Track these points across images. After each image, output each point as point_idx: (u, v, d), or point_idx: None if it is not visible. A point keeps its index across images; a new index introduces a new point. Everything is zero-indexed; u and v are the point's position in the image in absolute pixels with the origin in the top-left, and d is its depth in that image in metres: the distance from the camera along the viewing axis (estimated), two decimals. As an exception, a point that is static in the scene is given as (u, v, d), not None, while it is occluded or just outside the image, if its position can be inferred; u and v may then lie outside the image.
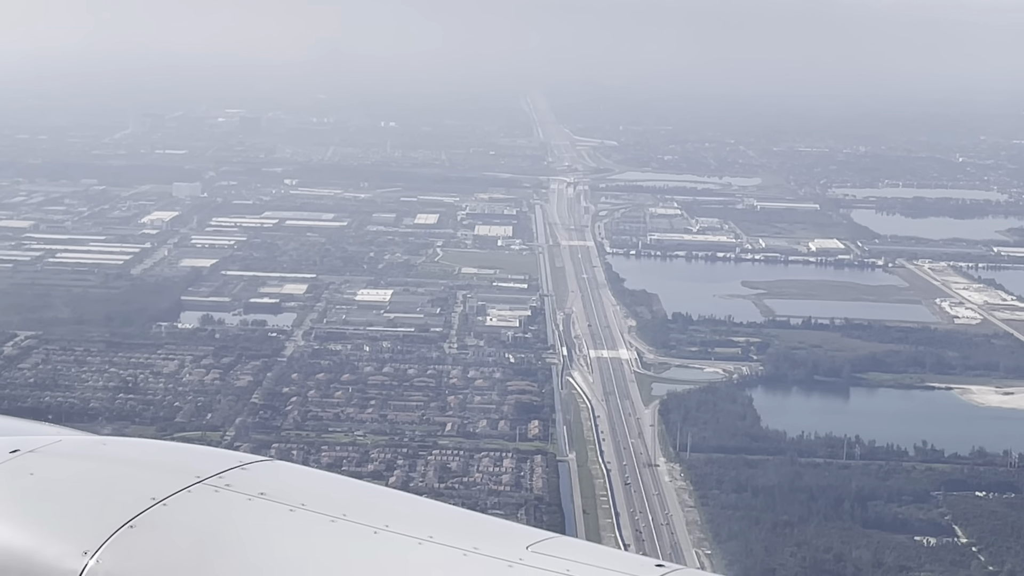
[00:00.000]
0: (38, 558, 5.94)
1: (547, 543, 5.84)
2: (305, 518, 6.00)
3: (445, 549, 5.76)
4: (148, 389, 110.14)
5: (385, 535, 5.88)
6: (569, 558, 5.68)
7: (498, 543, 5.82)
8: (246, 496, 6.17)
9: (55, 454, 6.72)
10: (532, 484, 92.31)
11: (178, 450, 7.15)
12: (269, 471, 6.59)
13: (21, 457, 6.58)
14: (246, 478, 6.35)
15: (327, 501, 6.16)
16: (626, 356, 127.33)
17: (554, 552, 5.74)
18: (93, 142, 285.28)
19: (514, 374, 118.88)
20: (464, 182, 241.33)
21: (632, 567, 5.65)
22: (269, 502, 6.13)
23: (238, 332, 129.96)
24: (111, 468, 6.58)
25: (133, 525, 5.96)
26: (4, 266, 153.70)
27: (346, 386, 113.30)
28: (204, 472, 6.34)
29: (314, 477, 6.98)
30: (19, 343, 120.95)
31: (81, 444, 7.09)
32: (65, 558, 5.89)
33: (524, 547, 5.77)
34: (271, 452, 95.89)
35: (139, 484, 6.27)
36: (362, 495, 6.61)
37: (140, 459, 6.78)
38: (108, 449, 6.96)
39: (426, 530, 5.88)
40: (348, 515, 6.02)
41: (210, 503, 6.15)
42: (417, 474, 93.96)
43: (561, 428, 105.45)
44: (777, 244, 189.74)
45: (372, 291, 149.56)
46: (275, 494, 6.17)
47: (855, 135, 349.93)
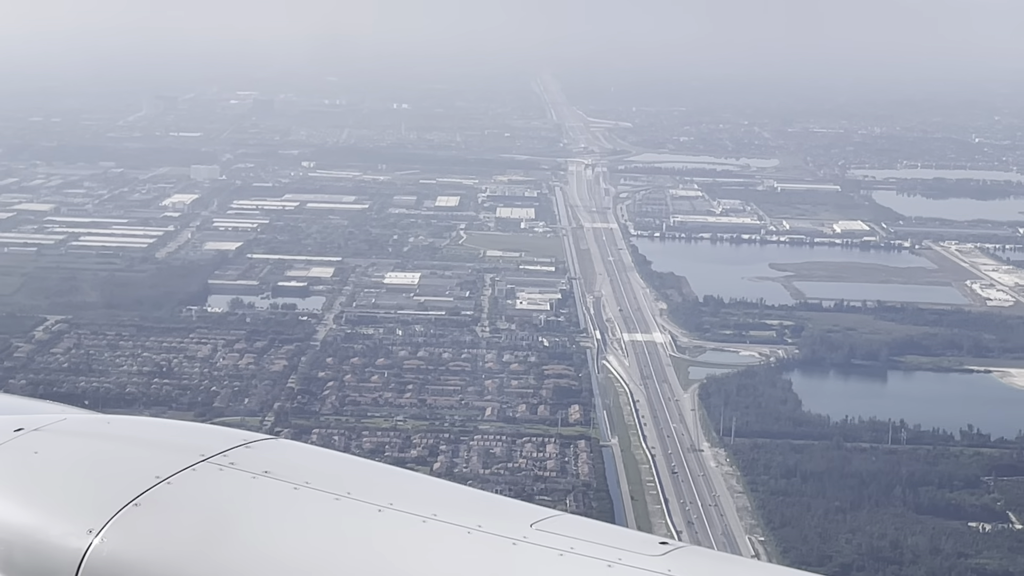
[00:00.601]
0: (43, 536, 5.94)
1: (551, 521, 5.79)
2: (309, 496, 5.98)
3: (449, 527, 5.73)
4: (183, 374, 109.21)
5: (389, 513, 5.84)
6: (573, 535, 5.60)
7: (502, 521, 5.79)
8: (250, 474, 6.14)
9: (59, 432, 6.68)
10: (578, 470, 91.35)
11: (182, 429, 7.06)
12: (273, 449, 6.57)
13: (26, 436, 6.56)
14: (250, 456, 6.31)
15: (331, 479, 6.12)
16: (660, 339, 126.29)
17: (558, 530, 5.68)
18: (107, 124, 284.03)
19: (549, 358, 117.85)
20: (482, 164, 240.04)
21: (636, 544, 5.59)
22: (273, 480, 6.10)
23: (268, 316, 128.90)
24: (115, 447, 6.57)
25: (137, 503, 5.94)
26: (28, 249, 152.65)
27: (382, 370, 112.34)
28: (208, 450, 6.30)
29: (318, 455, 6.95)
30: (50, 327, 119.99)
31: (85, 423, 7.06)
32: (69, 536, 5.87)
33: (528, 525, 5.70)
34: (312, 438, 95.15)
35: (143, 463, 6.25)
36: (366, 473, 6.57)
37: (144, 438, 6.76)
38: (112, 428, 6.92)
39: (430, 508, 5.86)
40: (352, 493, 5.97)
41: (214, 481, 6.12)
42: (460, 460, 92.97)
43: (601, 413, 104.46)
44: (801, 226, 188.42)
45: (399, 274, 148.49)
46: (279, 472, 6.15)
47: (868, 115, 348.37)
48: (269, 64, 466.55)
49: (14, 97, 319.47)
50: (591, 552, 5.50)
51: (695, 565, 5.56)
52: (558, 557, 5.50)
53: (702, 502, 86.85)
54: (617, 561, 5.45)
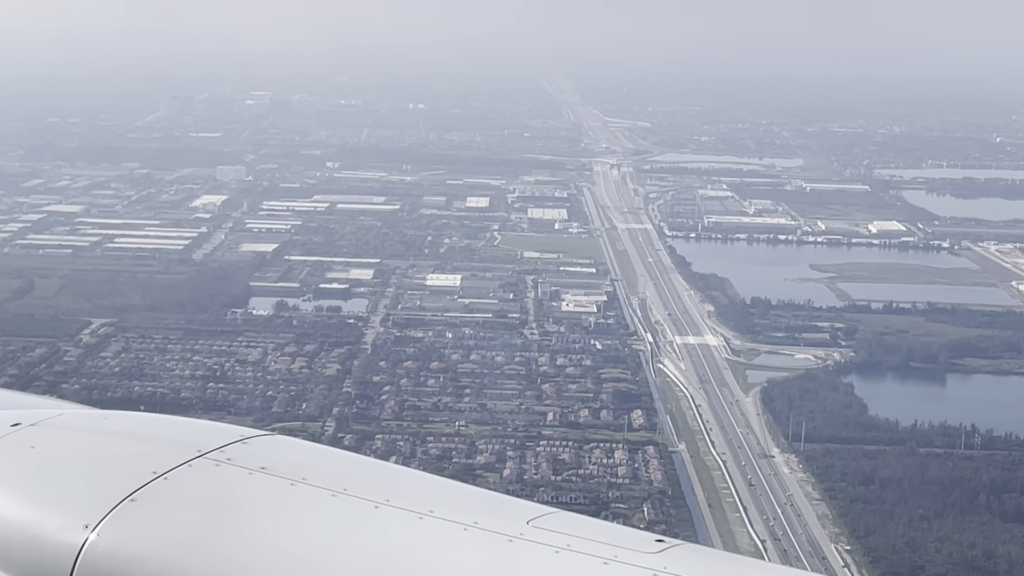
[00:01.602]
0: (39, 531, 5.88)
1: (547, 518, 5.73)
2: (306, 492, 5.93)
3: (446, 524, 5.67)
4: (237, 378, 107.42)
5: (386, 509, 5.79)
6: (569, 533, 5.55)
7: (498, 518, 5.72)
8: (247, 470, 6.08)
9: (56, 427, 6.64)
10: (650, 477, 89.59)
11: (179, 424, 7.00)
12: (270, 445, 6.49)
13: (22, 431, 6.51)
14: (247, 452, 6.25)
15: (328, 475, 6.07)
16: (713, 342, 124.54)
17: (554, 527, 5.62)
18: (125, 125, 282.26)
19: (604, 361, 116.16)
20: (506, 164, 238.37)
21: (632, 542, 5.51)
22: (270, 476, 6.05)
23: (314, 318, 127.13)
24: (112, 442, 6.50)
25: (134, 499, 5.88)
26: (64, 252, 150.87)
27: (437, 374, 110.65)
28: (205, 446, 6.24)
29: (315, 452, 6.86)
30: (96, 331, 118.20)
31: (82, 418, 7.01)
32: (66, 531, 5.82)
33: (524, 521, 5.65)
34: (376, 444, 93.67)
35: (140, 458, 6.19)
36: (363, 470, 6.54)
37: (141, 433, 6.69)
38: (109, 423, 6.88)
39: (427, 505, 5.79)
40: (349, 489, 5.92)
41: (211, 477, 6.07)
42: (529, 466, 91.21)
43: (665, 417, 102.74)
44: (836, 226, 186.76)
45: (440, 276, 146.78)
46: (276, 468, 6.09)
47: (885, 115, 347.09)
48: (279, 64, 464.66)
49: (30, 97, 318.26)
50: (587, 549, 5.42)
51: (691, 563, 5.44)
52: (554, 554, 5.43)
53: (781, 510, 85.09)
54: (613, 559, 5.37)
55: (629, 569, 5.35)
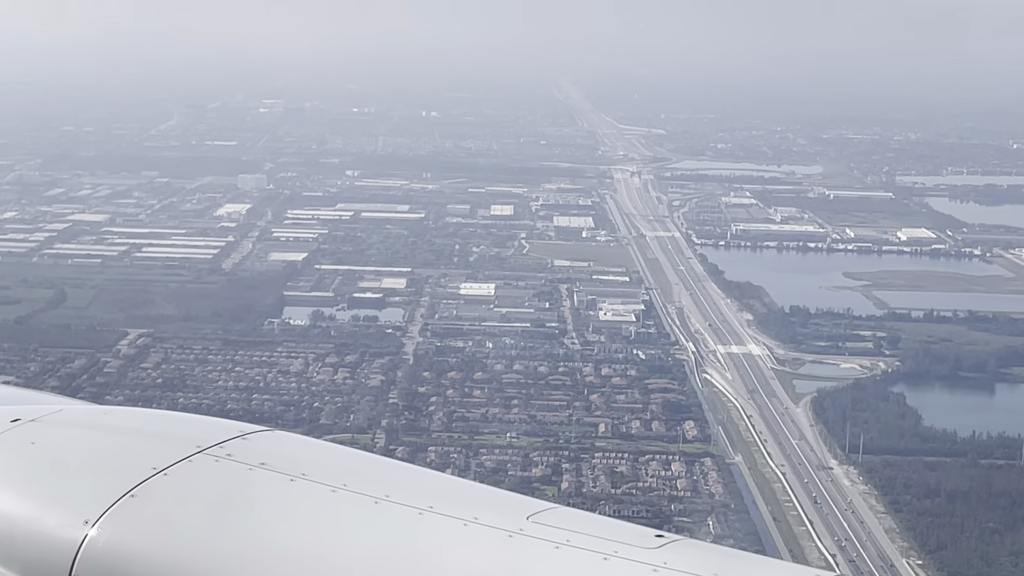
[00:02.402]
0: (39, 527, 5.87)
1: (547, 513, 5.71)
2: (306, 488, 5.92)
3: (446, 519, 5.65)
4: (281, 389, 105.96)
5: (386, 505, 5.76)
6: (569, 528, 5.53)
7: (498, 513, 5.68)
8: (247, 466, 6.06)
9: (56, 423, 6.60)
10: (711, 490, 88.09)
11: (179, 420, 6.95)
12: (270, 441, 6.44)
13: (22, 426, 6.47)
14: (247, 448, 6.22)
15: (328, 471, 6.05)
16: (756, 352, 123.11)
17: (555, 522, 5.60)
18: (140, 133, 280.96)
19: (649, 371, 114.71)
20: (525, 172, 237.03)
21: (632, 537, 5.51)
22: (270, 472, 6.02)
23: (352, 328, 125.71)
24: (112, 437, 6.49)
25: (134, 494, 5.86)
26: (92, 261, 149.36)
27: (481, 385, 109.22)
28: (205, 442, 6.19)
29: (315, 447, 6.78)
30: (134, 342, 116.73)
31: (82, 413, 7.01)
32: (66, 527, 5.80)
33: (524, 517, 5.61)
34: (428, 456, 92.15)
35: (140, 453, 6.16)
36: (363, 465, 6.49)
37: (141, 428, 6.66)
38: (109, 418, 6.89)
39: (427, 500, 5.76)
40: (349, 485, 5.90)
41: (211, 473, 6.04)
42: (587, 479, 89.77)
43: (717, 429, 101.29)
44: (865, 234, 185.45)
45: (473, 285, 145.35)
46: (276, 464, 6.07)
47: (899, 121, 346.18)
48: (285, 72, 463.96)
49: (41, 105, 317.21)
50: (587, 545, 5.39)
51: (690, 557, 5.37)
52: (554, 550, 5.40)
53: (847, 523, 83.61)
54: (613, 554, 5.35)
55: (629, 564, 5.32)
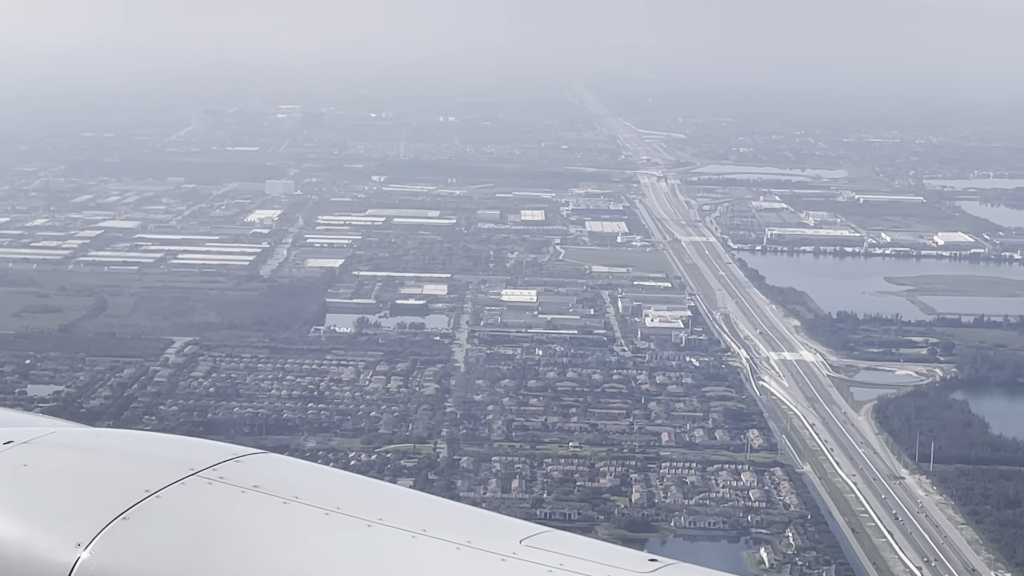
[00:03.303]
0: (31, 550, 5.84)
1: (540, 537, 5.67)
2: (299, 511, 5.88)
3: (438, 543, 5.58)
4: (335, 398, 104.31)
5: (379, 528, 5.73)
6: (563, 552, 5.50)
7: (491, 537, 5.66)
8: (240, 489, 6.05)
9: (49, 445, 6.60)
10: (785, 500, 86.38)
11: (172, 442, 6.91)
12: (263, 464, 6.43)
13: (15, 448, 6.47)
14: (240, 470, 6.22)
15: (321, 494, 6.02)
16: (809, 358, 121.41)
17: (548, 546, 5.57)
18: (159, 139, 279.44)
19: (704, 379, 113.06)
20: (551, 177, 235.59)
21: (625, 561, 5.48)
22: (263, 495, 5.99)
23: (398, 335, 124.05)
24: (105, 460, 6.48)
25: (126, 517, 5.85)
26: (129, 268, 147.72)
27: (537, 393, 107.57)
28: (198, 464, 6.18)
29: (308, 470, 6.73)
30: (181, 350, 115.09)
31: (75, 436, 6.97)
32: (58, 550, 5.77)
33: (517, 541, 5.60)
34: (494, 467, 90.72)
35: (133, 476, 6.15)
36: (356, 488, 6.43)
37: (134, 451, 6.67)
38: (102, 441, 6.86)
39: (419, 523, 5.72)
40: (342, 508, 5.88)
41: (204, 495, 6.01)
42: (658, 489, 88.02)
43: (781, 438, 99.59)
44: (902, 238, 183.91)
45: (515, 291, 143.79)
46: (269, 487, 6.05)
47: (918, 125, 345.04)
48: (298, 77, 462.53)
49: (60, 112, 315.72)
50: (580, 568, 5.35)
51: None
52: (547, 573, 5.36)
53: (928, 535, 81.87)
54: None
55: None
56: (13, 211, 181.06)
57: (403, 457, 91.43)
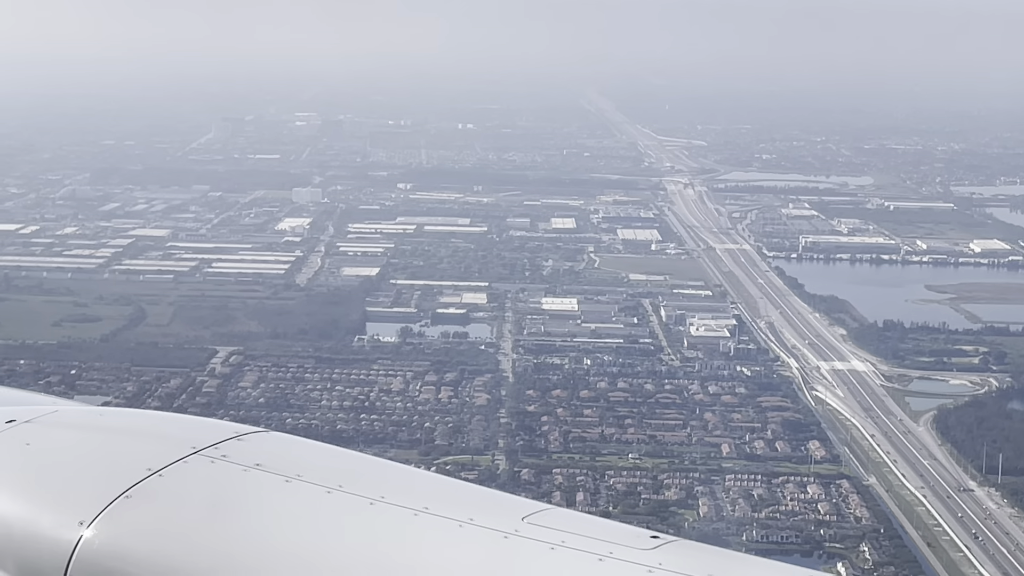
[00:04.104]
0: (34, 528, 5.83)
1: (542, 514, 5.63)
2: (301, 489, 5.86)
3: (441, 520, 5.58)
4: (387, 409, 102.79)
5: (381, 506, 5.69)
6: (564, 529, 5.47)
7: (493, 514, 5.64)
8: (242, 467, 6.02)
9: (51, 424, 6.56)
10: (856, 513, 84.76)
11: (174, 421, 6.97)
12: (265, 442, 6.41)
13: (17, 427, 6.45)
14: (242, 449, 6.18)
15: (323, 472, 6.01)
16: (861, 368, 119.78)
17: (550, 523, 5.53)
18: (180, 147, 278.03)
19: (757, 388, 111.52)
20: (576, 184, 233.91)
21: (627, 538, 5.42)
22: (265, 473, 5.96)
23: (443, 345, 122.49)
24: (107, 438, 6.46)
25: (129, 495, 5.83)
26: (164, 277, 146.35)
27: (590, 404, 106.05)
28: (200, 443, 6.15)
29: (310, 448, 6.69)
30: (227, 360, 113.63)
31: (77, 414, 6.97)
32: (61, 528, 5.76)
33: (519, 518, 5.57)
34: (556, 479, 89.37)
35: (135, 454, 6.12)
36: (358, 466, 6.40)
37: (136, 429, 6.62)
38: (104, 419, 6.87)
39: (422, 501, 5.71)
40: (344, 486, 5.86)
41: (206, 474, 5.98)
42: (724, 502, 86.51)
43: (843, 449, 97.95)
44: (937, 245, 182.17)
45: (555, 300, 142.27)
46: (271, 465, 6.02)
47: (938, 132, 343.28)
48: (311, 85, 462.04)
49: (78, 120, 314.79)
50: (582, 546, 5.35)
51: (685, 558, 5.34)
52: (549, 550, 5.36)
53: (1005, 548, 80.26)
54: (608, 555, 5.30)
55: (624, 565, 5.23)
56: (42, 219, 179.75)
57: (462, 469, 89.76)
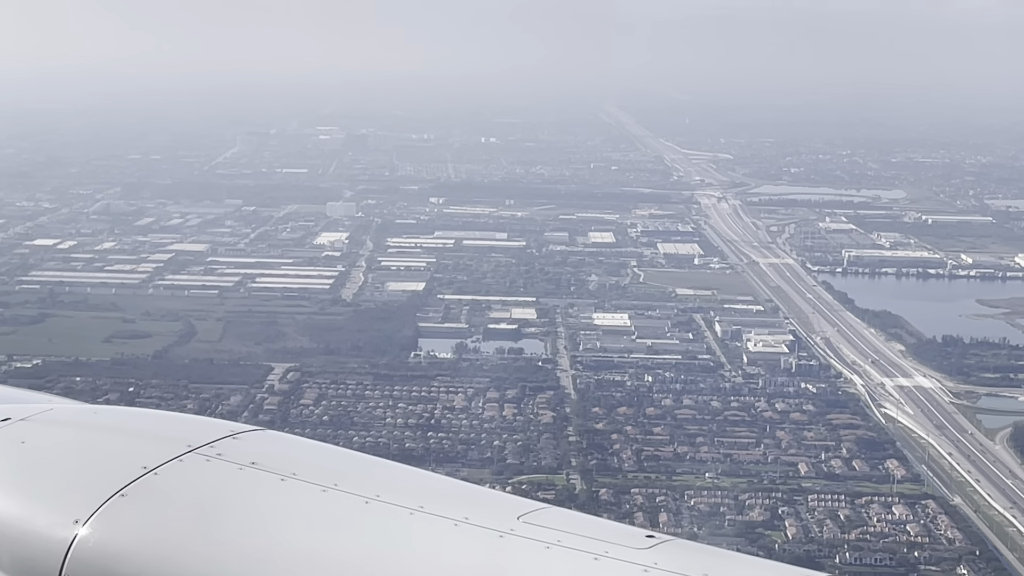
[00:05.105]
0: (28, 526, 5.79)
1: (538, 513, 5.60)
2: (296, 487, 5.82)
3: (436, 519, 5.57)
4: (453, 427, 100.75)
5: (376, 505, 5.67)
6: (560, 528, 5.46)
7: (489, 513, 5.64)
8: (237, 465, 5.98)
9: (47, 422, 6.51)
10: (947, 535, 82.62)
11: (169, 419, 6.90)
12: (261, 440, 6.38)
13: (12, 425, 6.42)
14: (237, 447, 6.15)
15: (318, 471, 5.99)
16: (926, 384, 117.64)
17: (545, 522, 5.52)
18: (207, 161, 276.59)
19: (825, 406, 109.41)
20: (608, 198, 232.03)
21: (622, 537, 5.42)
22: (260, 471, 5.93)
23: (499, 361, 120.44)
24: (102, 437, 6.41)
25: (124, 494, 5.81)
26: (209, 293, 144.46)
27: (657, 421, 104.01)
28: (195, 441, 6.13)
29: (305, 447, 6.66)
30: (284, 376, 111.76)
31: (73, 413, 6.93)
32: (56, 526, 5.74)
33: (515, 517, 5.57)
34: (636, 499, 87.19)
35: (130, 453, 6.09)
36: (354, 465, 6.37)
37: (132, 428, 6.60)
38: (100, 418, 6.80)
39: (417, 500, 5.70)
40: (339, 485, 5.82)
41: (201, 472, 5.97)
42: (811, 523, 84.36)
43: (922, 467, 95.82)
44: (983, 259, 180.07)
45: (605, 315, 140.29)
46: (266, 463, 5.99)
47: (963, 144, 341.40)
48: (330, 98, 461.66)
49: (100, 134, 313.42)
50: (578, 545, 5.35)
51: (681, 558, 5.34)
52: (545, 550, 5.35)
53: (1106, 571, 78.17)
54: (604, 554, 5.30)
55: (619, 564, 5.22)
56: (79, 234, 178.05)
57: (539, 489, 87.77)
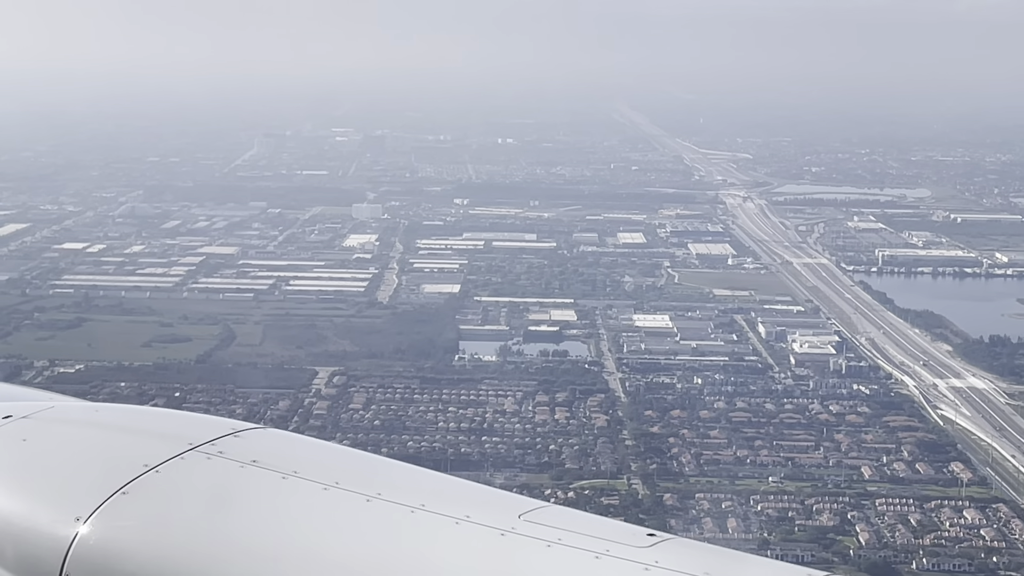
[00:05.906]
0: (30, 524, 5.77)
1: (539, 512, 5.61)
2: (297, 486, 5.80)
3: (437, 517, 5.55)
4: (506, 431, 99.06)
5: (377, 503, 5.66)
6: (561, 527, 5.45)
7: (490, 512, 5.64)
8: (238, 463, 5.95)
9: (48, 420, 6.49)
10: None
11: (171, 417, 6.87)
12: (262, 438, 6.34)
13: (14, 423, 6.41)
14: (239, 445, 6.12)
15: (320, 469, 5.95)
16: (980, 385, 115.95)
17: (546, 521, 5.50)
18: (226, 163, 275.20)
19: (880, 407, 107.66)
20: (633, 198, 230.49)
21: (624, 536, 5.41)
22: (261, 469, 5.93)
23: (544, 364, 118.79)
24: (104, 435, 6.40)
25: (125, 492, 5.80)
26: (245, 296, 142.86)
27: (712, 424, 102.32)
28: (197, 439, 6.12)
29: (307, 445, 6.68)
30: (330, 381, 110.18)
31: (74, 410, 6.88)
32: (57, 524, 5.74)
33: (516, 515, 5.56)
34: (703, 505, 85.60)
35: (132, 451, 6.08)
36: (355, 463, 6.37)
37: (133, 426, 6.56)
38: (101, 416, 6.77)
39: (419, 498, 5.68)
40: (341, 483, 5.79)
41: (202, 470, 5.96)
42: (883, 528, 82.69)
43: (987, 470, 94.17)
44: (1018, 258, 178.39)
45: (646, 316, 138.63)
46: (268, 461, 5.97)
47: (981, 143, 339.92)
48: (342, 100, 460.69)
49: (116, 137, 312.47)
50: (579, 543, 5.34)
51: (682, 556, 5.31)
52: (546, 548, 5.35)
53: None
54: (605, 552, 5.29)
55: (621, 563, 5.21)
56: (106, 238, 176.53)
57: (602, 494, 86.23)
